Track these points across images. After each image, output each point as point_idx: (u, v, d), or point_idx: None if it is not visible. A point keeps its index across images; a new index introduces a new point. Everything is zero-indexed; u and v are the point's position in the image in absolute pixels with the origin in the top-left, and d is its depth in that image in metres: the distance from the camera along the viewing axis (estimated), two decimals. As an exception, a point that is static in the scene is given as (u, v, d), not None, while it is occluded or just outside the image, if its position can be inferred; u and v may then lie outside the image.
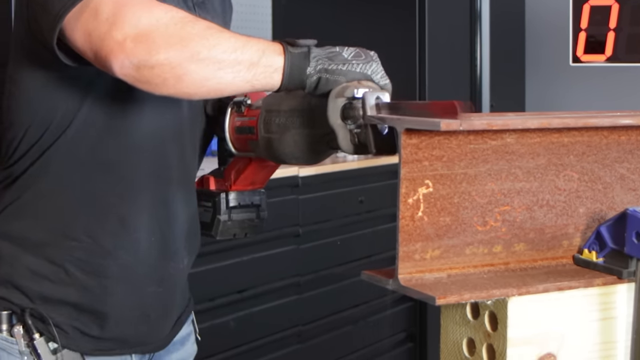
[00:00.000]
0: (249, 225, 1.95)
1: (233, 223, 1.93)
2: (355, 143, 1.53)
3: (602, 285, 1.42)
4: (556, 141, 1.43)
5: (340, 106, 1.54)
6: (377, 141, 1.48)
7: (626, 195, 1.51)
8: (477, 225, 1.41)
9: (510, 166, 1.41)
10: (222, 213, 1.92)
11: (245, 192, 1.94)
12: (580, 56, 4.56)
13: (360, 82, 1.55)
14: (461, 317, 1.42)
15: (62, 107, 1.72)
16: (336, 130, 1.54)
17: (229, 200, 1.92)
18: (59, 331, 1.78)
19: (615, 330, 1.43)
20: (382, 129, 1.47)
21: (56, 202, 1.77)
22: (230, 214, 1.93)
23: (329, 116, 1.54)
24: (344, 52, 1.59)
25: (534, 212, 1.45)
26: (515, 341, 1.35)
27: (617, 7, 4.48)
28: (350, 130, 1.53)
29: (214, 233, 1.93)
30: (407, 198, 1.35)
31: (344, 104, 1.53)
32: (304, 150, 1.67)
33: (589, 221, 1.49)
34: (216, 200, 1.92)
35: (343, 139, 1.54)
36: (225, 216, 1.92)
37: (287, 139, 1.68)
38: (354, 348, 3.70)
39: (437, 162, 1.37)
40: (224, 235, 1.94)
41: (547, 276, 1.42)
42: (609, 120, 1.45)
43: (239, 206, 1.93)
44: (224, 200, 1.92)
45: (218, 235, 1.93)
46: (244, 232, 1.95)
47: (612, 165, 1.49)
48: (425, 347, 4.44)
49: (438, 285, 1.37)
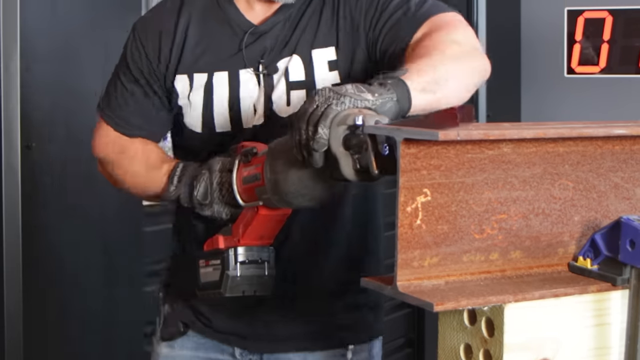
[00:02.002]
0: (258, 282, 1.89)
1: (242, 279, 1.88)
2: (357, 169, 1.52)
3: (596, 292, 1.42)
4: (552, 151, 1.43)
5: (342, 134, 1.52)
6: (378, 161, 1.47)
7: (620, 204, 1.51)
8: (474, 233, 1.41)
9: (507, 175, 1.41)
10: (231, 269, 1.87)
11: (254, 248, 1.89)
12: (574, 68, 4.57)
13: (361, 110, 1.54)
14: (458, 323, 1.42)
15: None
16: (338, 157, 1.53)
17: (237, 255, 1.88)
18: None
19: (609, 336, 1.43)
20: (382, 149, 1.46)
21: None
22: (239, 270, 1.88)
23: (331, 145, 1.53)
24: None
25: (530, 220, 1.45)
26: (512, 347, 1.35)
27: (610, 20, 4.48)
28: (352, 156, 1.52)
29: (223, 289, 1.88)
30: (406, 206, 1.35)
31: (346, 132, 1.52)
32: (308, 186, 1.66)
33: (583, 229, 1.49)
34: (224, 256, 1.88)
35: (345, 166, 1.53)
36: (235, 272, 1.87)
37: (292, 176, 1.67)
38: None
39: (435, 171, 1.37)
40: (233, 292, 1.89)
41: (542, 283, 1.42)
42: (603, 131, 1.45)
43: (248, 262, 1.88)
44: (233, 255, 1.88)
45: (227, 292, 1.88)
46: (253, 290, 1.90)
47: (607, 175, 1.49)
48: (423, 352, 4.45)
49: (436, 292, 1.37)
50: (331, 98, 1.56)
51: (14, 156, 2.90)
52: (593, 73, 4.55)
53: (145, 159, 2.10)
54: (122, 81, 2.12)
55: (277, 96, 2.02)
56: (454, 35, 1.86)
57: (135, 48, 2.11)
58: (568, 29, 4.55)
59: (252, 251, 1.89)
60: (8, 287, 2.89)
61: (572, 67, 4.57)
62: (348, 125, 1.52)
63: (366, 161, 1.49)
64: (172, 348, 2.20)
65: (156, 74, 2.10)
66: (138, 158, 2.10)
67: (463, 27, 1.92)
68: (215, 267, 1.91)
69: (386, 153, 1.45)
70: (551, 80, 5.21)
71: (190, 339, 2.19)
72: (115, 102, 2.13)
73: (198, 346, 2.18)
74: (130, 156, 2.11)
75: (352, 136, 1.51)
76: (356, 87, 1.59)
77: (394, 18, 1.96)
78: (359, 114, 1.51)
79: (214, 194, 1.88)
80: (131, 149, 2.12)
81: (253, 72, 2.03)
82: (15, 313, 2.90)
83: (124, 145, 2.13)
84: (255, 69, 2.03)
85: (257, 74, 2.03)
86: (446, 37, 1.84)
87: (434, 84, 1.70)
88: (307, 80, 2.01)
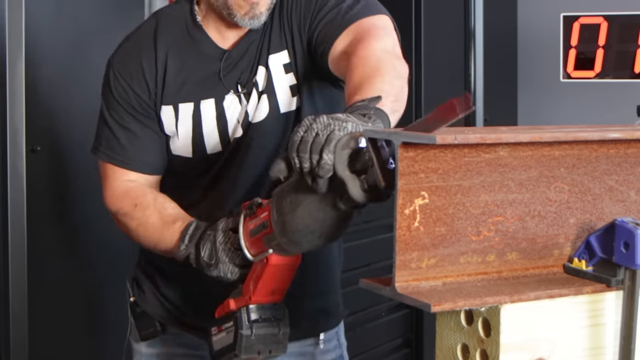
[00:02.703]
0: (273, 342, 1.86)
1: (256, 338, 1.84)
2: (365, 188, 1.50)
3: (591, 293, 1.42)
4: (547, 154, 1.43)
5: (347, 157, 1.50)
6: (384, 174, 1.45)
7: (615, 207, 1.51)
8: (471, 235, 1.41)
9: (503, 178, 1.41)
10: (245, 328, 1.83)
11: (266, 306, 1.85)
12: (570, 72, 4.57)
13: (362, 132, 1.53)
14: (456, 324, 1.42)
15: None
16: (346, 181, 1.50)
17: (249, 313, 1.84)
18: None
19: (604, 337, 1.43)
20: (388, 164, 1.45)
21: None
22: (253, 329, 1.84)
23: (337, 169, 1.50)
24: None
25: (526, 223, 1.45)
26: (508, 347, 1.35)
27: (605, 25, 4.49)
28: (359, 178, 1.50)
29: (238, 350, 1.84)
30: (404, 209, 1.35)
31: (350, 154, 1.50)
32: (318, 219, 1.62)
33: (578, 231, 1.49)
34: (237, 316, 1.85)
35: (353, 187, 1.50)
36: (248, 331, 1.83)
37: (300, 212, 1.63)
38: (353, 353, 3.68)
39: (433, 174, 1.37)
40: (248, 353, 1.84)
41: (538, 284, 1.42)
42: (598, 134, 1.45)
43: (261, 320, 1.85)
44: (245, 314, 1.84)
45: (242, 353, 1.84)
46: (268, 349, 1.86)
47: (601, 178, 1.49)
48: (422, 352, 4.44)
49: (433, 293, 1.37)
50: (332, 125, 1.54)
51: (19, 159, 2.90)
52: (588, 78, 4.56)
53: (159, 212, 2.08)
54: (117, 121, 2.12)
55: (251, 106, 2.08)
56: (381, 43, 1.91)
57: (119, 85, 2.11)
58: (564, 34, 4.55)
59: (264, 309, 1.85)
60: (14, 287, 2.89)
61: (568, 71, 4.57)
62: (352, 148, 1.50)
63: (373, 178, 1.47)
64: (153, 347, 2.25)
65: (147, 103, 2.11)
66: (151, 210, 2.09)
67: (386, 32, 1.97)
68: (228, 331, 1.87)
69: (392, 167, 1.44)
70: (547, 84, 5.21)
71: (168, 336, 2.24)
72: (117, 144, 2.13)
73: (178, 342, 2.24)
74: (144, 208, 2.10)
75: (357, 158, 1.50)
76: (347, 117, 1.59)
77: (326, 18, 2.02)
78: (361, 137, 1.50)
79: (219, 254, 1.87)
80: (144, 202, 2.10)
81: (234, 94, 2.09)
82: (20, 313, 2.91)
83: (138, 198, 2.11)
84: (235, 91, 2.09)
85: (237, 94, 2.08)
86: (376, 47, 1.89)
87: (396, 102, 1.75)
88: (268, 86, 2.07)
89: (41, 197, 3.01)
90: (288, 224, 1.66)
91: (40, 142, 2.99)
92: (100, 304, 3.24)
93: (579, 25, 4.53)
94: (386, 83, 1.77)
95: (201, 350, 2.20)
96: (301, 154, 1.54)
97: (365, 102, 1.67)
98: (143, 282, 2.26)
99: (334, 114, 1.59)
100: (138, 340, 2.25)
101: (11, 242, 2.88)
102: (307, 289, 2.18)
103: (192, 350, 2.23)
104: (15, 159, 2.89)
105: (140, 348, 2.26)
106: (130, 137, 2.12)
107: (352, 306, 3.78)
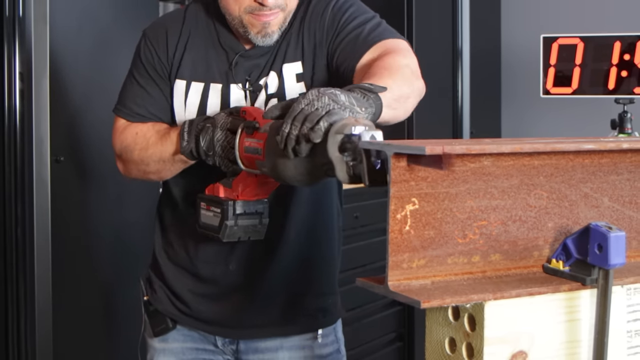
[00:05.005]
0: (252, 230, 1.96)
1: (239, 228, 1.94)
2: (351, 174, 1.53)
3: (568, 291, 1.42)
4: (527, 164, 1.43)
5: (339, 141, 1.53)
6: (370, 173, 1.47)
7: (589, 212, 1.51)
8: (458, 238, 1.41)
9: (487, 186, 1.41)
10: (229, 219, 1.93)
11: (251, 202, 1.95)
12: (549, 89, 4.56)
13: (357, 119, 1.55)
14: (444, 319, 1.42)
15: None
16: (334, 162, 1.54)
17: (235, 208, 1.93)
18: None
19: (579, 331, 1.43)
20: (375, 163, 1.46)
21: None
22: (237, 220, 1.94)
23: (329, 149, 1.54)
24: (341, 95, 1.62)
25: (508, 227, 1.45)
26: (491, 340, 1.35)
27: (582, 46, 4.49)
28: (347, 162, 1.53)
29: (221, 236, 1.95)
30: (396, 214, 1.35)
31: (342, 139, 1.53)
32: (303, 174, 1.67)
33: (556, 234, 1.48)
34: (224, 207, 1.94)
35: (340, 170, 1.53)
36: (232, 222, 1.93)
37: (290, 165, 1.67)
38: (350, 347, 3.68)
39: (423, 182, 1.37)
40: (230, 238, 1.95)
41: (519, 283, 1.42)
42: (574, 146, 1.45)
43: (245, 214, 1.94)
44: (232, 208, 1.93)
45: (224, 238, 1.95)
46: (247, 236, 1.96)
47: (577, 185, 1.49)
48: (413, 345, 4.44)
49: (423, 291, 1.36)
50: (331, 105, 1.58)
51: (44, 169, 2.90)
52: (566, 94, 4.55)
53: (156, 131, 2.11)
54: (138, 81, 2.16)
55: (258, 106, 2.09)
56: (405, 60, 1.92)
57: (147, 50, 2.15)
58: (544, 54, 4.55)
59: (248, 205, 1.95)
60: (39, 289, 2.89)
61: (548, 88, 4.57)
62: (345, 133, 1.53)
63: (359, 171, 1.50)
64: (166, 342, 2.25)
65: (165, 70, 2.14)
66: (150, 132, 2.12)
67: (410, 53, 1.99)
68: (215, 214, 1.97)
69: (378, 167, 1.46)
70: (528, 100, 5.21)
71: (179, 332, 2.25)
72: (132, 100, 2.16)
73: (186, 338, 2.25)
74: (144, 132, 2.12)
75: (348, 142, 1.52)
76: (347, 96, 1.63)
77: (350, 37, 2.03)
78: (356, 124, 1.53)
79: (216, 148, 1.92)
80: (143, 128, 2.13)
81: (241, 88, 2.10)
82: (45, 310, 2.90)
83: (137, 127, 2.14)
84: (242, 86, 2.10)
85: (244, 90, 2.10)
86: (401, 60, 1.91)
87: (395, 101, 1.78)
88: (279, 91, 2.09)
89: (64, 204, 3.00)
90: (278, 167, 1.71)
91: (64, 153, 2.99)
92: (117, 302, 3.23)
93: (558, 45, 4.52)
94: (395, 83, 1.79)
95: (209, 345, 2.21)
96: (295, 123, 1.59)
97: (371, 85, 1.71)
98: (155, 282, 2.27)
99: (337, 93, 1.62)
100: (151, 336, 2.26)
101: (37, 245, 2.88)
102: (307, 288, 2.18)
103: (200, 344, 2.24)
104: (40, 168, 2.89)
105: (153, 343, 2.27)
106: (146, 98, 2.15)
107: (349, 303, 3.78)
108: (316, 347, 2.22)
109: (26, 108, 2.84)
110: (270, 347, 2.20)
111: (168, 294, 2.24)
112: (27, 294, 2.86)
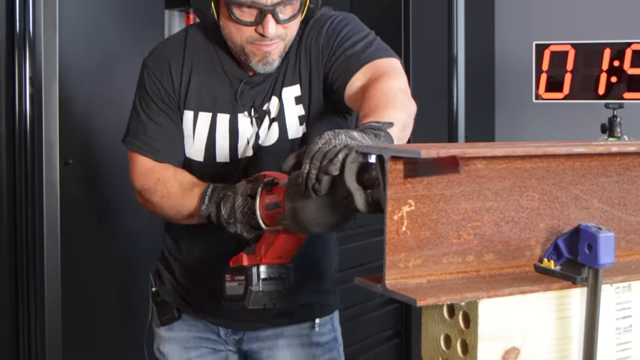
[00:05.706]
0: (277, 297, 1.90)
1: (263, 294, 1.89)
2: (370, 202, 1.50)
3: (559, 290, 1.42)
4: (520, 167, 1.43)
5: (356, 169, 1.51)
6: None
7: (580, 213, 1.51)
8: (453, 239, 1.41)
9: (481, 188, 1.42)
10: (254, 284, 1.88)
11: (274, 266, 1.89)
12: (541, 94, 4.56)
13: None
14: (439, 317, 1.42)
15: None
16: (353, 192, 1.51)
17: (260, 272, 1.88)
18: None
19: (570, 328, 1.43)
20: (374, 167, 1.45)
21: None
22: (261, 286, 1.88)
23: (346, 179, 1.51)
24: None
25: (501, 227, 1.45)
26: (485, 337, 1.35)
27: (573, 52, 4.49)
28: (365, 191, 1.50)
29: (247, 302, 1.89)
30: (393, 215, 1.36)
31: (359, 167, 1.51)
32: (325, 215, 1.64)
33: (548, 235, 1.49)
34: (249, 273, 1.89)
35: (359, 200, 1.50)
36: (257, 287, 1.88)
37: (310, 206, 1.65)
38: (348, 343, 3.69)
39: (419, 184, 1.37)
40: (255, 305, 1.90)
41: (512, 282, 1.42)
42: (565, 149, 1.46)
43: (269, 278, 1.89)
44: (256, 273, 1.88)
45: (250, 305, 1.89)
46: (273, 303, 1.91)
47: (568, 187, 1.49)
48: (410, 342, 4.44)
49: (419, 289, 1.37)
50: (348, 141, 1.57)
51: (53, 172, 2.90)
52: (558, 99, 4.55)
53: (179, 182, 2.10)
54: (148, 115, 2.14)
55: (262, 131, 2.10)
56: (397, 83, 1.93)
57: (152, 83, 2.13)
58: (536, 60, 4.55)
59: (272, 269, 1.89)
60: (49, 289, 2.88)
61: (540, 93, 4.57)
62: (360, 162, 1.51)
63: (378, 196, 1.48)
64: (172, 331, 2.29)
65: (173, 100, 2.13)
66: (172, 182, 2.11)
67: (401, 74, 1.99)
68: (239, 282, 1.91)
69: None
70: (521, 105, 5.21)
71: (184, 321, 2.28)
72: (146, 136, 2.14)
73: (191, 327, 2.28)
74: (165, 181, 2.11)
75: (365, 172, 1.50)
76: (362, 135, 1.62)
77: (343, 57, 2.04)
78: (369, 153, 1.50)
79: (237, 215, 1.88)
80: (165, 175, 2.12)
81: (247, 115, 2.10)
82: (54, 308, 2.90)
83: (160, 172, 2.13)
84: (248, 113, 2.10)
85: (250, 117, 2.10)
86: (393, 84, 1.91)
87: (401, 131, 1.78)
88: (279, 115, 2.10)
89: (73, 205, 3.00)
90: (298, 213, 1.68)
91: (73, 156, 2.99)
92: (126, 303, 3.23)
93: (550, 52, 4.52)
94: (397, 113, 1.79)
95: (212, 334, 2.24)
96: (314, 162, 1.56)
97: (379, 124, 1.69)
98: (164, 274, 2.29)
99: (352, 132, 1.61)
100: (158, 325, 2.30)
101: (46, 246, 2.87)
102: (306, 287, 2.19)
103: (204, 333, 2.27)
104: (50, 171, 2.88)
105: (160, 332, 2.30)
106: (158, 130, 2.13)
107: (348, 301, 3.78)
108: (314, 335, 2.26)
109: (36, 112, 2.84)
110: (270, 336, 2.25)
111: (175, 286, 2.27)
112: (37, 294, 2.86)
